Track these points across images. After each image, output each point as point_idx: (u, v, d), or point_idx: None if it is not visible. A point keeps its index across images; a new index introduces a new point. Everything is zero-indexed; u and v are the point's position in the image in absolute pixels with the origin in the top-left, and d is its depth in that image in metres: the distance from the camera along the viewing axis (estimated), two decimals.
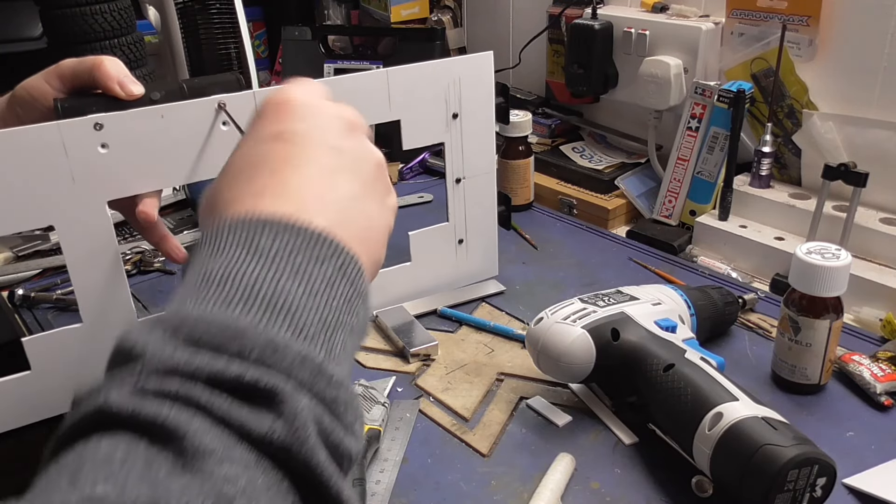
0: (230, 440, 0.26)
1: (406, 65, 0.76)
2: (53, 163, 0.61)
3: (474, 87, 0.79)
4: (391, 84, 0.75)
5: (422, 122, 0.78)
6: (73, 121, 0.61)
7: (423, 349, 0.75)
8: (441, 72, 0.77)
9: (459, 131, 0.80)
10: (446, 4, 1.43)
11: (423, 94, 0.77)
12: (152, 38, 1.33)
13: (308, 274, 0.33)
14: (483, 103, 0.81)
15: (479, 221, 0.86)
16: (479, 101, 0.81)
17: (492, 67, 0.80)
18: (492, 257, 0.89)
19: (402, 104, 0.76)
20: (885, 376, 0.67)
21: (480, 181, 0.84)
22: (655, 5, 1.08)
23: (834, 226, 0.87)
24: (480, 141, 0.82)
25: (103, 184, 0.64)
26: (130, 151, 0.63)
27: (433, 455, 0.63)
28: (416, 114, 0.77)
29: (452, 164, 0.82)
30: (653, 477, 0.60)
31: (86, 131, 0.61)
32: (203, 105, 0.65)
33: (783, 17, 0.94)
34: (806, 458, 0.51)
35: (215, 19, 1.23)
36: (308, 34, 1.35)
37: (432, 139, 0.80)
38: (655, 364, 0.61)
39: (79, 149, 0.61)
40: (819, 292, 0.64)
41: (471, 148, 0.82)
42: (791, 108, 0.97)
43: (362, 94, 0.74)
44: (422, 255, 0.84)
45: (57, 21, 1.09)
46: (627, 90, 1.12)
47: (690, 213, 1.02)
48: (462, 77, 0.78)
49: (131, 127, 0.62)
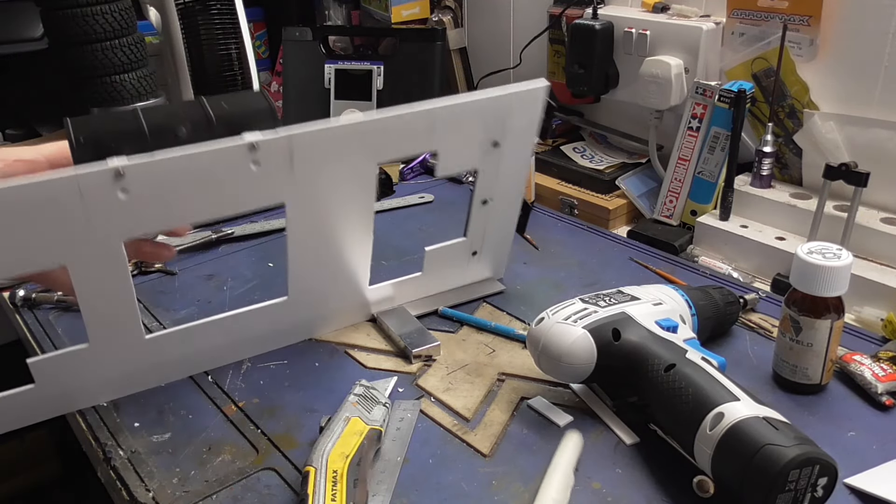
0: None
1: (454, 101, 0.69)
2: (68, 208, 0.57)
3: (522, 115, 0.74)
4: (436, 121, 0.70)
5: (460, 152, 0.74)
6: (91, 171, 0.56)
7: (426, 350, 0.75)
8: (491, 106, 0.72)
9: (497, 158, 0.75)
10: (447, 5, 1.43)
11: (467, 127, 0.72)
12: (153, 38, 1.33)
13: None
14: (527, 130, 0.76)
15: (499, 234, 0.84)
16: (524, 128, 0.75)
17: (544, 95, 0.74)
18: (501, 261, 0.88)
19: (442, 137, 0.71)
20: (886, 376, 0.67)
21: (509, 201, 0.81)
22: (656, 5, 1.08)
23: (835, 226, 0.87)
24: (517, 165, 0.78)
25: (120, 225, 0.60)
26: (152, 194, 0.60)
27: (434, 455, 0.63)
28: (455, 145, 0.73)
29: (483, 188, 0.78)
30: (654, 477, 0.60)
31: (105, 179, 0.56)
32: (233, 145, 0.60)
33: (784, 16, 0.94)
34: (807, 458, 0.50)
35: (216, 20, 1.23)
36: (309, 35, 1.35)
37: (468, 167, 0.76)
38: (656, 364, 0.61)
39: (96, 195, 0.57)
40: (820, 292, 0.64)
41: (506, 173, 0.78)
42: (792, 108, 0.96)
43: (404, 130, 0.68)
44: (434, 268, 0.83)
45: (57, 22, 1.09)
46: (628, 90, 1.12)
47: (691, 213, 1.02)
48: (511, 108, 0.73)
49: (155, 171, 0.58)
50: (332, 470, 0.56)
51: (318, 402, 0.70)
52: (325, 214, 0.71)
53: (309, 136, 0.63)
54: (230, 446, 0.65)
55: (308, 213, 0.69)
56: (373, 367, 0.75)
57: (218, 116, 0.63)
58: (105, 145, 0.58)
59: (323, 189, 0.68)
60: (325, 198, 0.69)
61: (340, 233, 0.73)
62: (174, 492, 0.60)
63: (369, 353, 0.77)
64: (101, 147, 0.58)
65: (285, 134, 0.62)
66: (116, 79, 1.13)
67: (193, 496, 0.59)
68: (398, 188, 1.18)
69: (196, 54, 1.23)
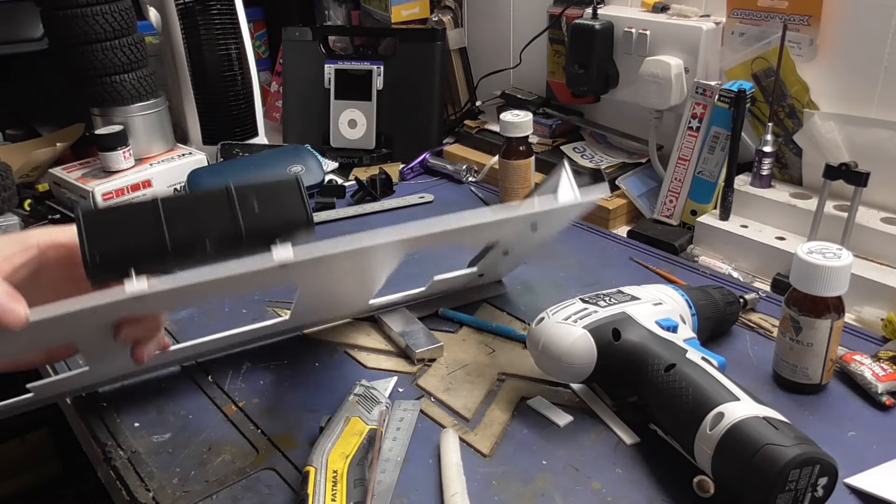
0: None
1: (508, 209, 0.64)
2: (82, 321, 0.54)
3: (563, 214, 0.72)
4: (483, 233, 0.70)
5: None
6: (110, 300, 0.51)
7: (428, 352, 0.75)
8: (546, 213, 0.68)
9: (532, 236, 0.75)
10: (447, 5, 1.43)
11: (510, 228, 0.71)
12: (153, 38, 1.33)
13: None
14: (565, 219, 0.76)
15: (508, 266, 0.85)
16: (563, 219, 0.76)
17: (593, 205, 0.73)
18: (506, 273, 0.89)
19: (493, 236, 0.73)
20: (886, 376, 0.67)
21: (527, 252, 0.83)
22: (656, 5, 1.08)
23: (835, 225, 0.87)
24: (548, 236, 0.80)
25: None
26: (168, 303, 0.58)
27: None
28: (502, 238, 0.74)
29: (508, 246, 0.78)
30: (654, 477, 0.60)
31: (122, 302, 0.52)
32: (262, 268, 0.54)
33: (784, 16, 0.94)
34: (807, 457, 0.50)
35: (216, 20, 1.23)
36: (309, 35, 1.35)
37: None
38: (656, 364, 0.61)
39: (111, 309, 0.53)
40: (820, 292, 0.64)
41: (536, 243, 0.80)
42: (792, 108, 0.96)
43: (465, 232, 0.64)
44: (439, 287, 0.83)
45: (58, 22, 1.09)
46: (628, 90, 1.12)
47: (691, 213, 1.02)
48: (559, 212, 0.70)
49: (175, 294, 0.54)
50: (332, 470, 0.56)
51: (318, 402, 0.70)
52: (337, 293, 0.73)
53: (343, 256, 0.59)
54: (230, 446, 0.65)
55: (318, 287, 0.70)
56: (373, 367, 0.75)
57: (248, 229, 0.56)
58: (123, 263, 0.53)
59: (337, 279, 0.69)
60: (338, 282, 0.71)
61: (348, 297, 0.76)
62: (174, 492, 0.60)
63: (369, 353, 0.77)
64: (118, 266, 0.53)
65: (320, 255, 0.56)
66: (116, 79, 1.13)
67: (193, 496, 0.59)
68: (398, 188, 1.18)
69: (196, 54, 1.23)
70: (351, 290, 0.75)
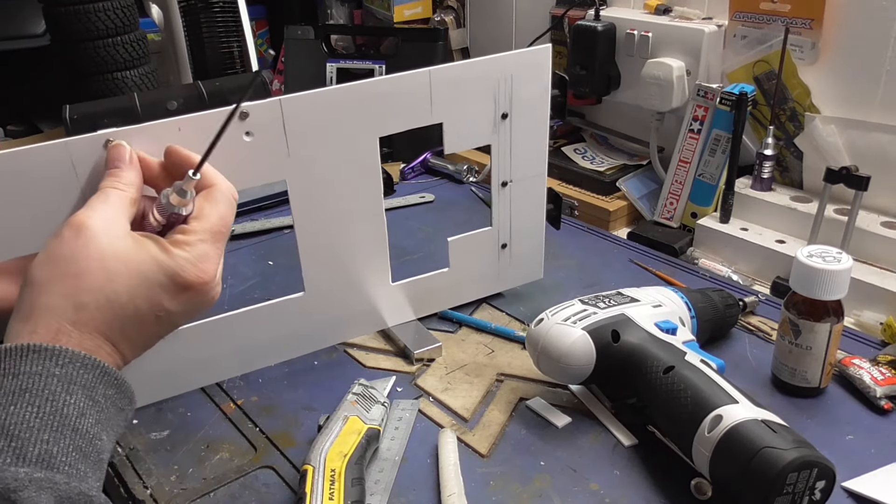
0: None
1: (452, 63, 0.70)
2: (62, 181, 0.56)
3: (528, 83, 0.72)
4: (434, 85, 0.69)
5: (466, 124, 0.72)
6: (82, 139, 0.55)
7: (428, 352, 0.75)
8: (491, 70, 0.70)
9: (509, 132, 0.74)
10: (449, 5, 1.43)
11: (470, 95, 0.71)
12: (155, 35, 1.33)
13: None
14: (537, 100, 0.74)
15: (526, 224, 0.81)
16: (533, 98, 0.73)
17: (549, 62, 0.73)
18: (537, 260, 0.85)
19: (445, 106, 0.70)
20: (885, 380, 0.67)
21: (530, 183, 0.79)
22: (658, 7, 1.08)
23: (835, 229, 0.87)
24: (532, 140, 0.76)
25: None
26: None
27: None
28: (460, 116, 0.71)
29: (499, 167, 0.76)
30: (652, 479, 0.60)
31: (96, 148, 0.56)
32: (222, 110, 0.58)
33: (786, 19, 0.94)
34: (805, 461, 0.50)
35: (218, 18, 1.23)
36: (311, 33, 1.35)
37: (477, 142, 0.74)
38: (655, 366, 0.61)
39: (88, 165, 0.56)
40: (820, 295, 0.64)
41: (521, 149, 0.76)
42: (793, 111, 0.96)
43: (401, 96, 0.68)
44: (461, 261, 0.80)
45: (60, 18, 1.09)
46: (630, 92, 1.12)
47: (692, 216, 1.02)
48: (514, 74, 0.71)
49: (146, 141, 0.56)
50: (329, 469, 0.56)
51: (316, 400, 0.70)
52: (330, 196, 0.69)
53: (300, 100, 0.63)
54: (228, 444, 0.65)
55: (311, 194, 0.67)
56: (372, 366, 0.75)
57: (210, 92, 0.62)
58: (98, 122, 0.58)
59: (323, 165, 0.67)
60: (328, 176, 0.67)
61: (349, 220, 0.71)
62: (172, 489, 0.60)
63: (368, 353, 0.77)
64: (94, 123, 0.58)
65: (275, 99, 0.62)
66: (118, 76, 1.13)
67: (191, 494, 0.59)
68: (398, 188, 1.18)
69: (198, 52, 1.23)
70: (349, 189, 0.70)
